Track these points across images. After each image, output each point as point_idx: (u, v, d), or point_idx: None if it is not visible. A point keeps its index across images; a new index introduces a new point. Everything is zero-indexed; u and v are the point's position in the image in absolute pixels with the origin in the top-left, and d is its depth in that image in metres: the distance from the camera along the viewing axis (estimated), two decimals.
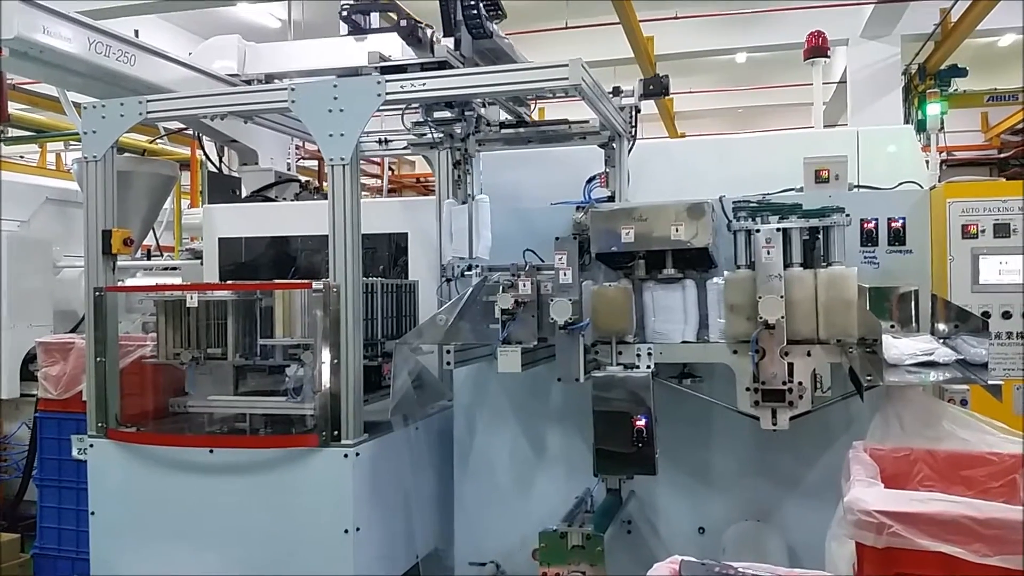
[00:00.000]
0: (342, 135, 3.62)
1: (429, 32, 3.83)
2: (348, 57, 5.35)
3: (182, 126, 7.58)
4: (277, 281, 4.71)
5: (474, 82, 3.63)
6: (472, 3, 3.79)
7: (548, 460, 4.23)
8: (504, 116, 4.58)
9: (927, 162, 8.36)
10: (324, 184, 6.51)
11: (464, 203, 4.10)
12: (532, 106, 4.55)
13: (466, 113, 4.13)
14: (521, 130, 4.62)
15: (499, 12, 3.98)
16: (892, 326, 3.59)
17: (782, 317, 3.24)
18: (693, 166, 4.85)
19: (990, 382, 2.94)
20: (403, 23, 3.78)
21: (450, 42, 3.93)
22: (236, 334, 3.95)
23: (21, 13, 4.22)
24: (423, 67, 3.77)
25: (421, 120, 4.29)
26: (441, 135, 4.25)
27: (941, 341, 3.33)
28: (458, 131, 4.17)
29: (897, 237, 3.75)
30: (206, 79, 5.40)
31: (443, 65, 3.77)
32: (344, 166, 3.61)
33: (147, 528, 3.83)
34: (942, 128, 12.12)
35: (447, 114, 4.18)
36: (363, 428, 3.68)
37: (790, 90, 16.22)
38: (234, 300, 3.97)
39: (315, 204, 5.71)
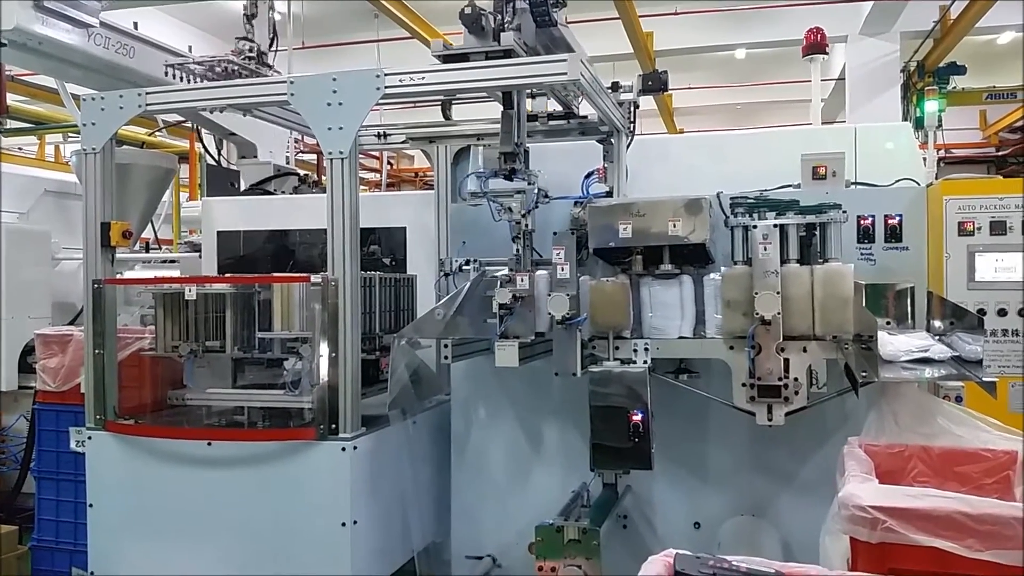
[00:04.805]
0: (341, 128, 3.62)
1: (494, 20, 3.66)
2: None
3: (181, 119, 7.58)
4: (275, 274, 4.72)
5: (473, 76, 3.61)
6: None
7: (545, 454, 4.24)
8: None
9: (924, 159, 8.36)
10: (323, 178, 6.50)
11: None
12: (580, 98, 4.46)
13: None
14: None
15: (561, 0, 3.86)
16: (888, 323, 3.61)
17: (778, 313, 3.25)
18: (691, 162, 4.85)
19: (985, 379, 2.95)
20: (467, 10, 3.67)
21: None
22: (234, 327, 3.96)
23: (20, 4, 4.22)
24: (487, 56, 3.62)
25: None
26: None
27: (937, 338, 3.35)
28: None
29: (894, 234, 3.77)
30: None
31: (508, 54, 3.60)
32: (343, 160, 3.62)
33: (145, 520, 3.83)
34: (940, 125, 12.10)
35: None
36: (361, 422, 3.70)
37: (789, 86, 16.19)
38: (232, 293, 3.97)
39: (313, 198, 5.70)
